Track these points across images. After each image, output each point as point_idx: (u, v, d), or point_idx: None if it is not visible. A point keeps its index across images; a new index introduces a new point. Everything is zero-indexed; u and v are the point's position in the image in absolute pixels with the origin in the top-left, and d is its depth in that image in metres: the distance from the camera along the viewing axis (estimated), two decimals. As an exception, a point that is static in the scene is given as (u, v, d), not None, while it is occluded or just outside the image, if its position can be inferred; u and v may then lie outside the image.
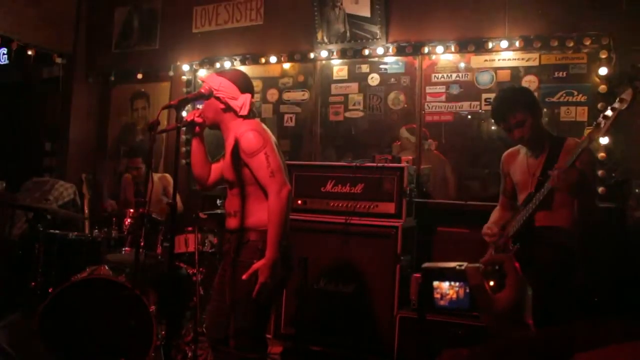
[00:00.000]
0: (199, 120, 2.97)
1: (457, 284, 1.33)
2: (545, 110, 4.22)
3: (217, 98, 2.90)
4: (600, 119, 2.70)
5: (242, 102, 2.91)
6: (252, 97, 3.00)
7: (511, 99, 3.05)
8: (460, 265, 3.25)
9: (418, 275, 3.90)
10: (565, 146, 2.95)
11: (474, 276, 1.39)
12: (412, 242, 4.20)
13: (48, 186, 5.43)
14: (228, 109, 2.92)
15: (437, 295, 1.29)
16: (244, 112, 2.90)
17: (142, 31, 5.98)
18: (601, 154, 3.97)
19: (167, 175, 5.10)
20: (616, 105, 2.67)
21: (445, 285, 1.32)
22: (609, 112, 2.68)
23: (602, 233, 3.10)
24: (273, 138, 2.96)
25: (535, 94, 4.18)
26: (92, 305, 3.77)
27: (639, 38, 3.98)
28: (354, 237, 4.08)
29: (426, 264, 1.42)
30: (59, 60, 6.16)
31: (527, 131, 2.98)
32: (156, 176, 5.14)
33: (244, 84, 2.96)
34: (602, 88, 4.01)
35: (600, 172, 3.96)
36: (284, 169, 2.89)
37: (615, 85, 3.97)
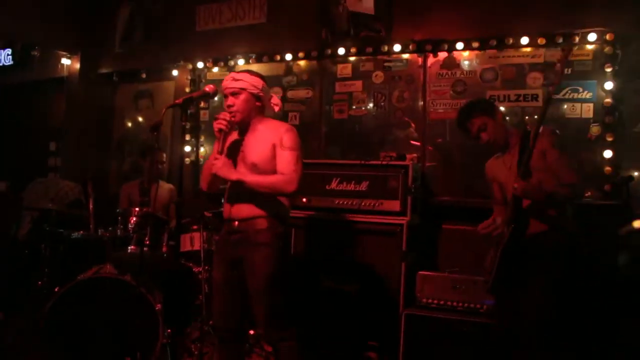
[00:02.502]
0: (235, 119, 3.10)
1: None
2: (550, 107, 4.21)
3: (258, 97, 3.12)
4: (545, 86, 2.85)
5: (276, 101, 3.27)
6: None
7: (466, 109, 3.26)
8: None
9: (424, 272, 3.91)
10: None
11: None
12: (418, 239, 4.20)
13: (53, 186, 5.44)
14: (262, 107, 3.17)
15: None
16: (279, 109, 3.33)
17: (145, 30, 5.98)
18: (607, 150, 3.97)
19: (170, 186, 5.11)
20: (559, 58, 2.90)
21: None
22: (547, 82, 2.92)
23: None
24: None
25: (540, 91, 4.23)
26: (98, 304, 3.78)
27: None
28: (359, 235, 4.08)
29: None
30: (63, 60, 6.17)
31: (492, 133, 3.15)
32: (167, 186, 5.13)
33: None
34: (608, 84, 4.00)
35: (605, 169, 3.96)
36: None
37: (621, 81, 3.97)
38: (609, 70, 4.00)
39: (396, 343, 3.81)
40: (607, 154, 3.97)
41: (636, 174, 3.93)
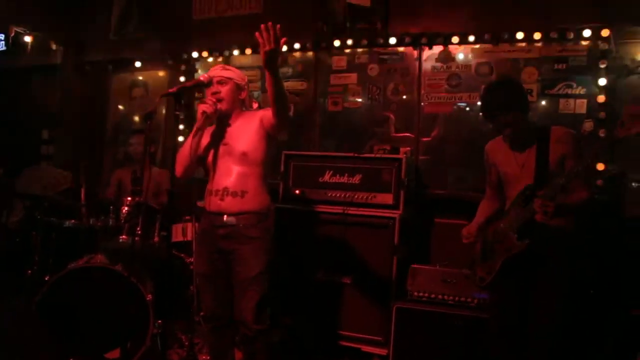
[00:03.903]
0: (220, 106, 3.16)
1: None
2: (544, 102, 4.23)
3: (241, 88, 3.22)
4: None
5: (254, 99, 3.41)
6: None
7: (502, 99, 2.95)
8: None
9: (415, 266, 3.92)
10: (553, 135, 2.92)
11: None
12: (410, 233, 4.20)
13: (45, 174, 5.42)
14: (243, 100, 3.26)
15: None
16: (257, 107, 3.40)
17: (141, 18, 5.93)
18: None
19: (158, 169, 5.08)
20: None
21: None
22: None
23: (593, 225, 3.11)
24: None
25: (534, 86, 4.23)
26: (89, 294, 3.77)
27: (637, 30, 3.97)
28: (352, 228, 4.08)
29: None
30: (57, 47, 6.12)
31: (518, 128, 2.96)
32: (155, 170, 5.11)
33: None
34: (602, 81, 4.00)
35: (598, 165, 3.96)
36: None
37: (614, 78, 3.97)
38: (603, 66, 4.00)
39: (387, 335, 3.83)
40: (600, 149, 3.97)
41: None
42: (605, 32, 3.99)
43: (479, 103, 4.35)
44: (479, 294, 3.63)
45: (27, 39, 5.90)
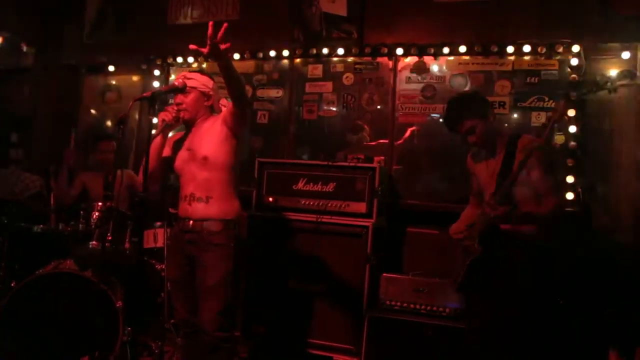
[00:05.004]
0: (183, 115, 3.17)
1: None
2: (516, 115, 4.31)
3: (207, 96, 3.20)
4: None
5: (224, 102, 3.43)
6: None
7: (459, 108, 3.09)
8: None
9: (388, 275, 3.93)
10: (520, 144, 2.99)
11: None
12: (383, 242, 4.22)
13: (13, 178, 5.29)
14: (211, 107, 3.24)
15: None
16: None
17: (115, 22, 5.87)
18: (569, 160, 4.04)
19: (130, 172, 5.01)
20: (550, 114, 2.69)
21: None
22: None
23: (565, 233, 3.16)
24: None
25: (507, 98, 4.29)
26: (57, 300, 3.70)
27: (607, 47, 4.07)
28: (325, 236, 4.08)
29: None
30: (28, 49, 6.02)
31: (480, 136, 3.04)
32: (128, 172, 5.05)
33: None
34: (572, 95, 4.08)
35: (567, 177, 4.03)
36: None
37: (584, 92, 4.05)
38: (573, 80, 4.09)
39: (359, 345, 3.83)
40: (570, 162, 4.05)
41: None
42: (575, 48, 4.09)
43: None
44: (451, 303, 3.66)
45: (-4, 40, 5.80)
